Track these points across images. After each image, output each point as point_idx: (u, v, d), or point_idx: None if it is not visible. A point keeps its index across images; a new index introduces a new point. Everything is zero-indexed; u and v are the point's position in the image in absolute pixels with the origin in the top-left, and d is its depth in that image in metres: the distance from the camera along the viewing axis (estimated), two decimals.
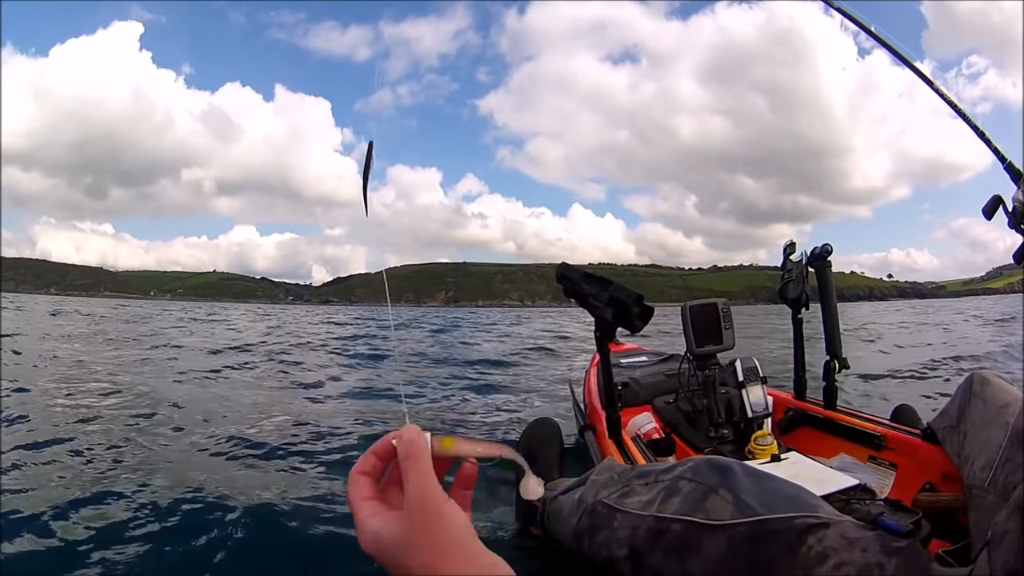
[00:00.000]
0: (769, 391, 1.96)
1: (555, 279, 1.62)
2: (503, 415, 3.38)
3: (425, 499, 0.43)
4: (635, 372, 2.32)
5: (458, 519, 0.43)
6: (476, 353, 7.37)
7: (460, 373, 5.34)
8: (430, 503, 0.43)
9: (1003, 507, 0.74)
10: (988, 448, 1.10)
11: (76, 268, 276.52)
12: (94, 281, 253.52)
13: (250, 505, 1.85)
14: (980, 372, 1.30)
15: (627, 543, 0.89)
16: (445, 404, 3.73)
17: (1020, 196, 0.92)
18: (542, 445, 1.73)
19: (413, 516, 0.43)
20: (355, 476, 0.49)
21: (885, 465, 1.58)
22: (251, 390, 4.24)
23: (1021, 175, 0.98)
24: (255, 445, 2.60)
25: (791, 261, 1.86)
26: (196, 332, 9.97)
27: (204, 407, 3.43)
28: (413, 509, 0.43)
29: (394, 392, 4.20)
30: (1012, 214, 0.93)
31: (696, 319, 1.95)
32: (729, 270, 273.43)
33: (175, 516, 1.78)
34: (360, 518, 0.46)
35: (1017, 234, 0.94)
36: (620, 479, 1.01)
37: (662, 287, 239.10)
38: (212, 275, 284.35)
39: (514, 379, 4.97)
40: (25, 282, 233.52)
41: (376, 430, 2.90)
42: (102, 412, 3.16)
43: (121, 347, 7.31)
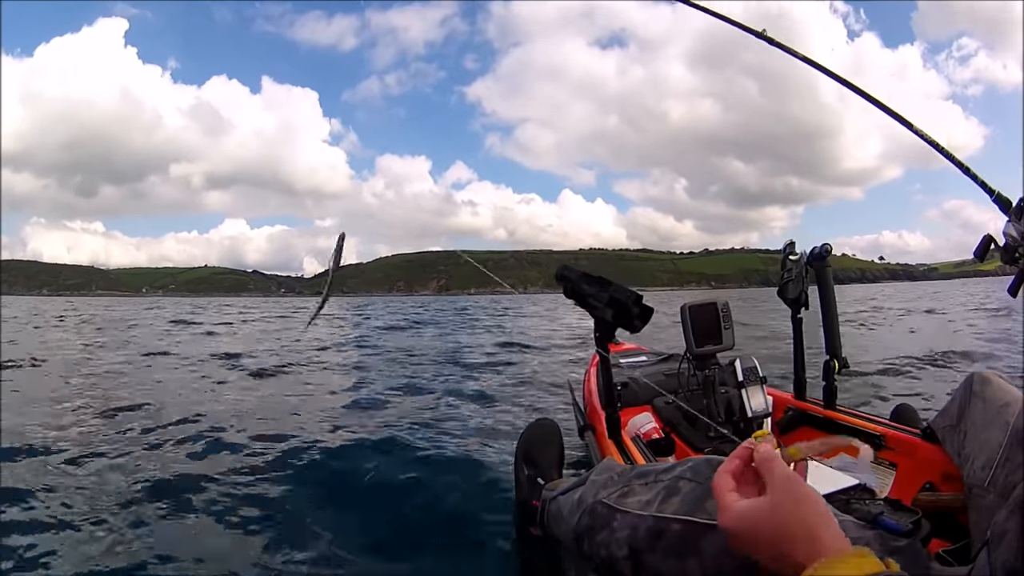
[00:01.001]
0: (769, 391, 1.96)
1: (554, 277, 1.62)
2: (503, 415, 3.38)
3: (790, 481, 0.56)
4: (635, 372, 2.32)
5: (818, 494, 0.56)
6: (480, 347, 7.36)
7: (460, 371, 5.34)
8: (795, 483, 0.56)
9: (1003, 507, 0.74)
10: (988, 448, 1.10)
11: (68, 268, 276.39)
12: (86, 280, 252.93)
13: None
14: (980, 371, 1.30)
15: (627, 543, 0.89)
16: (445, 404, 3.73)
17: (1011, 230, 0.91)
18: (541, 445, 1.73)
19: (783, 492, 0.56)
20: (722, 472, 0.63)
21: (885, 465, 1.58)
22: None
23: (1011, 205, 0.96)
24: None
25: (791, 261, 1.86)
26: (187, 349, 7.72)
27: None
28: (780, 490, 0.56)
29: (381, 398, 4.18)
30: (1004, 249, 0.92)
31: (695, 319, 1.95)
32: (721, 253, 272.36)
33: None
34: (727, 502, 0.60)
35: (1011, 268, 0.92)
36: (620, 479, 1.01)
37: (653, 271, 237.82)
38: (204, 270, 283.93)
39: (514, 379, 4.97)
40: (17, 284, 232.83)
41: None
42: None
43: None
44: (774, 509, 0.55)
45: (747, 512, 0.57)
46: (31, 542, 1.59)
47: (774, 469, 0.58)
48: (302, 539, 1.68)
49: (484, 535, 1.68)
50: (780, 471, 0.58)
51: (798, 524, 0.53)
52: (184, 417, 3.15)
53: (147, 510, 1.84)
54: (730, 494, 0.61)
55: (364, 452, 2.54)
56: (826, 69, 1.41)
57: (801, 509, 0.54)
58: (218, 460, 2.40)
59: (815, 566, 0.50)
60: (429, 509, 1.88)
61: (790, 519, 0.54)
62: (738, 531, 0.58)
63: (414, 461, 2.42)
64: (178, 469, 2.25)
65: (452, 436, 2.87)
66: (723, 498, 0.61)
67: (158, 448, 2.55)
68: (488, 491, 2.04)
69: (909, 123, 1.22)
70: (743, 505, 0.58)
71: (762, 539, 0.55)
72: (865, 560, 0.50)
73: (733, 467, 0.63)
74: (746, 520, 0.57)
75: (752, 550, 0.57)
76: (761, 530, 0.55)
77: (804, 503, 0.55)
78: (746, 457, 0.63)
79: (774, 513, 0.55)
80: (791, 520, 0.54)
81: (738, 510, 0.58)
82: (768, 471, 0.58)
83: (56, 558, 1.52)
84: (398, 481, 2.16)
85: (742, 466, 0.63)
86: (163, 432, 2.84)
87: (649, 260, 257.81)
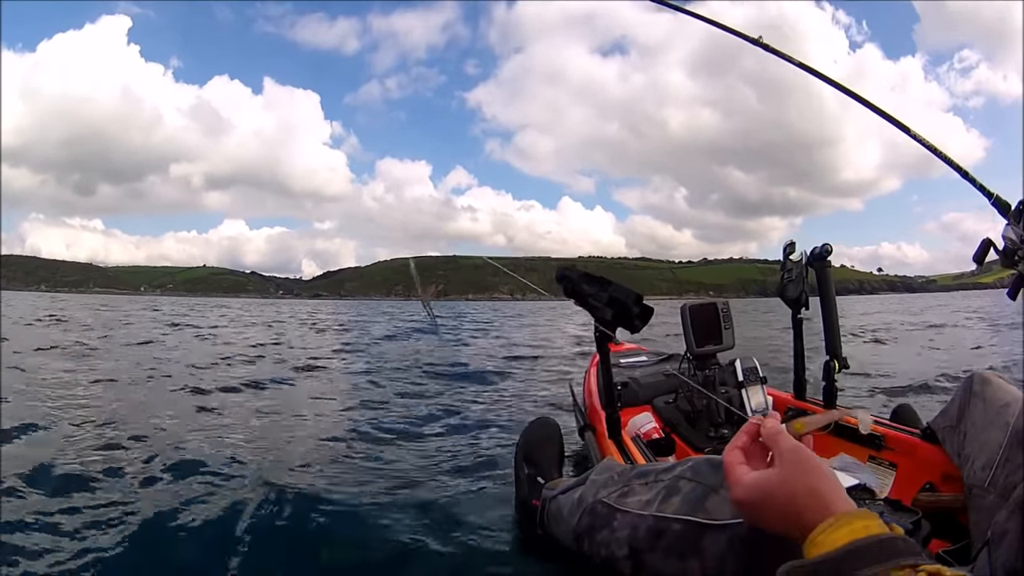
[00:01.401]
0: (769, 391, 1.97)
1: (555, 279, 1.62)
2: (503, 415, 3.38)
3: (799, 451, 0.58)
4: (635, 372, 2.32)
5: (824, 463, 0.58)
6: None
7: (460, 372, 5.34)
8: (802, 452, 0.58)
9: (1003, 507, 0.74)
10: (988, 448, 1.10)
11: (66, 264, 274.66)
12: (84, 277, 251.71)
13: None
14: (980, 372, 1.30)
15: (627, 543, 0.89)
16: (444, 403, 3.73)
17: (1010, 233, 0.91)
18: (541, 445, 1.73)
19: (791, 463, 0.58)
20: (731, 448, 0.65)
21: (885, 465, 1.58)
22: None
23: (1010, 209, 0.96)
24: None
25: (791, 261, 1.86)
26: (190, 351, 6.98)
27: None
28: (789, 459, 0.58)
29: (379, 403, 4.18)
30: (1003, 253, 0.92)
31: (696, 319, 1.95)
32: (719, 263, 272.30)
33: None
34: (737, 475, 0.62)
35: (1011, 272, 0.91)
36: (620, 479, 1.01)
37: (652, 280, 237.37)
38: (202, 270, 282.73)
39: (514, 378, 4.97)
40: (15, 279, 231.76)
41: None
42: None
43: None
44: (783, 479, 0.57)
45: (757, 484, 0.59)
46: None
47: (781, 442, 0.60)
48: (300, 539, 1.68)
49: (484, 534, 1.68)
50: (787, 443, 0.60)
51: (807, 493, 0.55)
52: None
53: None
54: (740, 467, 0.63)
55: (363, 452, 2.54)
56: (824, 75, 1.41)
57: (809, 478, 0.56)
58: (215, 460, 2.40)
59: (821, 526, 0.52)
60: (428, 508, 1.88)
61: (799, 488, 0.56)
62: (750, 502, 0.60)
63: (413, 461, 2.42)
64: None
65: (452, 435, 2.87)
66: (733, 471, 0.63)
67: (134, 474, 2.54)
68: (488, 490, 2.04)
69: (906, 127, 1.22)
70: (753, 477, 0.60)
71: (773, 509, 0.57)
72: (870, 522, 0.52)
73: (741, 442, 0.65)
74: (757, 491, 0.59)
75: (763, 520, 0.60)
76: (772, 500, 0.57)
77: (812, 472, 0.56)
78: (753, 432, 0.65)
79: (783, 483, 0.57)
80: (800, 489, 0.56)
81: (748, 482, 0.60)
82: (775, 443, 0.60)
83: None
84: (397, 480, 2.16)
85: (750, 441, 0.65)
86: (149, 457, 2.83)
87: (648, 269, 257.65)
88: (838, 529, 0.52)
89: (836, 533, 0.51)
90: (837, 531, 0.51)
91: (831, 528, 0.52)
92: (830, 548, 0.51)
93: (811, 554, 0.53)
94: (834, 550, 0.51)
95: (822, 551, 0.51)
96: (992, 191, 1.02)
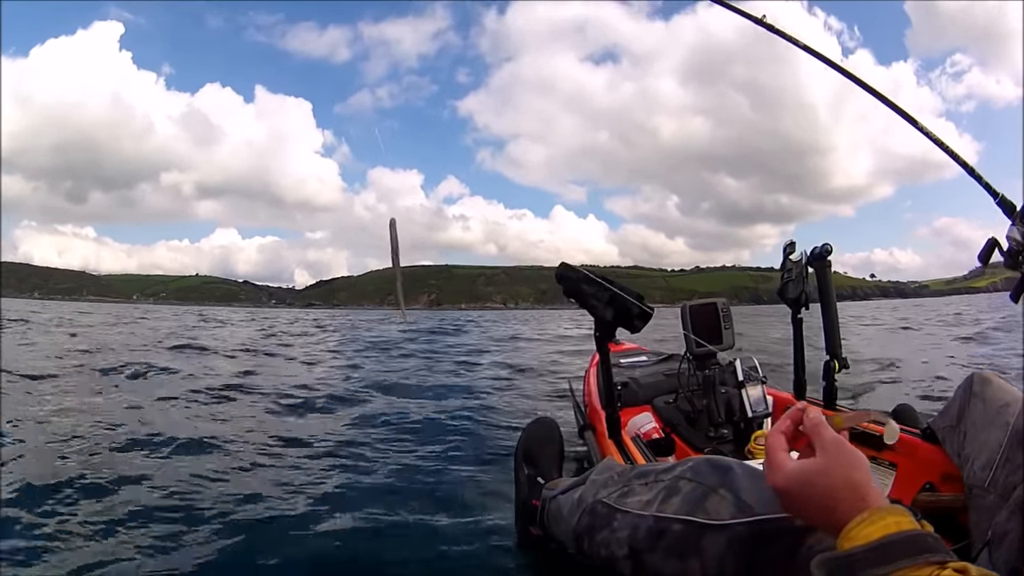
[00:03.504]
0: (769, 391, 1.96)
1: (555, 277, 1.62)
2: (503, 414, 3.38)
3: (839, 443, 0.60)
4: (635, 372, 2.32)
5: (863, 457, 0.59)
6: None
7: (459, 372, 5.34)
8: (844, 445, 0.60)
9: (1003, 507, 0.74)
10: (988, 448, 1.10)
11: (59, 272, 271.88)
12: (77, 285, 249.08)
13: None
14: (980, 372, 1.30)
15: (627, 543, 0.89)
16: (443, 403, 3.73)
17: (1016, 234, 0.90)
18: (541, 445, 1.72)
19: (832, 454, 0.59)
20: (774, 435, 0.67)
21: (885, 465, 1.58)
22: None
23: (1015, 209, 0.95)
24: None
25: (791, 261, 1.86)
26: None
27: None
28: (831, 451, 0.60)
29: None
30: (1008, 253, 0.91)
31: (696, 319, 1.95)
32: (712, 271, 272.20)
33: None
34: (778, 460, 0.63)
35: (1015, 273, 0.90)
36: (620, 479, 1.01)
37: (645, 288, 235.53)
38: (195, 279, 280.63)
39: (514, 379, 4.97)
40: (9, 286, 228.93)
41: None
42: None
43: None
44: (824, 470, 0.59)
45: (799, 472, 0.61)
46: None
47: (823, 433, 0.61)
48: (299, 540, 1.68)
49: (484, 534, 1.68)
50: (829, 434, 0.61)
51: (846, 485, 0.57)
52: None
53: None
54: (781, 453, 0.64)
55: (362, 452, 2.54)
56: (829, 60, 1.40)
57: (849, 471, 0.58)
58: (214, 459, 2.40)
59: (856, 520, 0.54)
60: (428, 508, 1.88)
61: (839, 480, 0.57)
62: (789, 490, 0.61)
63: (413, 460, 2.42)
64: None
65: (451, 435, 2.87)
66: (776, 456, 0.64)
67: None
68: (487, 490, 2.04)
69: (914, 119, 1.21)
70: (795, 466, 0.62)
71: (811, 499, 0.59)
72: (903, 518, 0.53)
73: (785, 427, 0.66)
74: (798, 480, 0.60)
75: (800, 509, 0.61)
76: (811, 490, 0.59)
77: (852, 466, 0.58)
78: (797, 419, 0.66)
79: (824, 474, 0.58)
80: (839, 481, 0.57)
81: (790, 470, 0.62)
82: (818, 434, 0.62)
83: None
84: (396, 480, 2.16)
85: (793, 428, 0.66)
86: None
87: (641, 277, 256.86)
88: (872, 524, 0.53)
89: (870, 527, 0.53)
90: (871, 525, 0.53)
91: (865, 522, 0.53)
92: (863, 542, 0.52)
93: (844, 547, 0.54)
94: (866, 544, 0.52)
95: (856, 544, 0.53)
96: (998, 190, 1.02)
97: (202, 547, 1.60)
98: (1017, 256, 0.88)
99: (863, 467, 0.59)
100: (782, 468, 0.63)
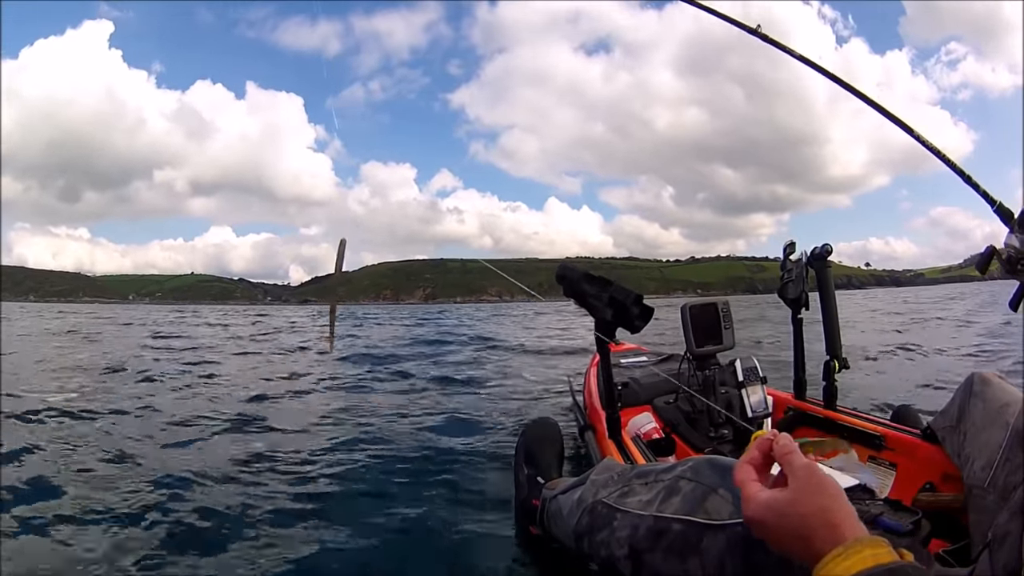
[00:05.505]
0: (769, 391, 1.97)
1: (555, 277, 1.62)
2: (503, 415, 3.38)
3: (811, 469, 0.58)
4: (635, 372, 2.32)
5: (837, 485, 0.57)
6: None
7: (459, 372, 5.33)
8: (815, 472, 0.58)
9: (1004, 508, 0.74)
10: (988, 448, 1.10)
11: (54, 274, 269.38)
12: (73, 287, 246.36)
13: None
14: (980, 372, 1.30)
15: (627, 543, 0.89)
16: (443, 403, 3.73)
17: (1013, 241, 0.90)
18: (541, 445, 1.73)
19: (803, 483, 0.57)
20: (742, 464, 0.65)
21: (885, 465, 1.58)
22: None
23: (1013, 217, 0.95)
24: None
25: (791, 261, 1.86)
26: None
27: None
28: (802, 478, 0.57)
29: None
30: (1007, 260, 0.91)
31: (696, 319, 1.95)
32: (707, 261, 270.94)
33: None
34: (750, 492, 0.61)
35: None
36: (620, 479, 1.01)
37: (640, 279, 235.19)
38: (190, 277, 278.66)
39: (514, 379, 4.97)
40: (4, 289, 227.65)
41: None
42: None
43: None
44: (797, 499, 0.57)
45: (771, 502, 0.59)
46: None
47: (794, 460, 0.59)
48: (300, 541, 1.68)
49: (484, 534, 1.68)
50: (800, 461, 0.59)
51: (819, 514, 0.55)
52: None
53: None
54: (753, 484, 0.62)
55: (361, 452, 2.54)
56: (826, 71, 1.40)
57: (822, 499, 0.56)
58: (210, 456, 2.40)
59: (831, 554, 0.52)
60: (428, 508, 1.88)
61: (812, 509, 0.55)
62: (762, 521, 0.59)
63: (412, 461, 2.41)
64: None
65: (451, 435, 2.87)
66: (746, 488, 0.62)
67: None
68: (488, 490, 2.04)
69: (910, 128, 1.21)
70: (766, 495, 0.60)
71: (784, 530, 0.57)
72: (880, 550, 0.51)
73: (752, 457, 0.65)
74: (770, 510, 0.58)
75: (774, 539, 0.59)
76: (784, 520, 0.57)
77: (825, 493, 0.56)
78: (765, 448, 0.64)
79: (796, 503, 0.56)
80: (813, 510, 0.55)
81: (762, 500, 0.59)
82: (788, 462, 0.60)
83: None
84: (396, 480, 2.16)
85: (761, 457, 0.64)
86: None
87: (636, 268, 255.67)
88: (848, 558, 0.51)
89: (846, 562, 0.51)
90: (847, 560, 0.51)
91: (841, 556, 0.51)
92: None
93: None
94: None
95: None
96: (996, 198, 1.01)
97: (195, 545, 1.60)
98: (1016, 264, 0.88)
99: (837, 494, 0.56)
100: (754, 499, 0.60)
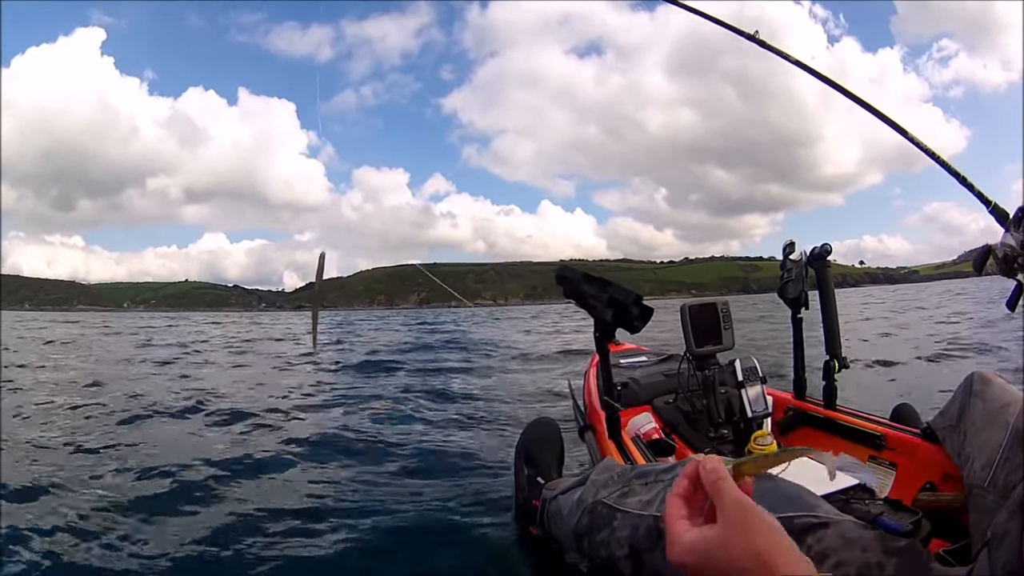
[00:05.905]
0: (769, 391, 1.96)
1: (554, 277, 1.61)
2: (502, 415, 3.38)
3: (742, 505, 0.51)
4: (635, 372, 2.31)
5: (771, 517, 0.51)
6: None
7: (459, 371, 5.33)
8: (748, 507, 0.51)
9: (1003, 507, 0.74)
10: (988, 448, 1.09)
11: (49, 283, 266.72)
12: (67, 295, 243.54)
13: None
14: (980, 372, 1.30)
15: (627, 543, 0.89)
16: (444, 404, 3.73)
17: (1009, 240, 0.89)
18: (541, 445, 1.73)
19: (732, 520, 0.51)
20: (672, 498, 0.57)
21: (885, 465, 1.57)
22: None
23: (1008, 217, 0.94)
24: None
25: (791, 261, 1.86)
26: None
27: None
28: (731, 515, 0.51)
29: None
30: (1003, 260, 0.90)
31: (696, 319, 1.95)
32: (701, 262, 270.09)
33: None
34: (676, 532, 0.54)
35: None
36: (620, 479, 1.01)
37: (635, 281, 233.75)
38: (184, 284, 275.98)
39: (513, 379, 4.97)
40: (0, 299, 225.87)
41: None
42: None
43: None
44: (726, 539, 0.50)
45: (696, 544, 0.52)
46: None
47: (723, 492, 0.52)
48: (301, 541, 1.68)
49: (484, 534, 1.68)
50: (730, 495, 0.52)
51: (751, 555, 0.49)
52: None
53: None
54: (680, 522, 0.54)
55: (361, 454, 2.54)
56: (823, 76, 1.40)
57: (753, 539, 0.50)
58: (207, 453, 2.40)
59: None
60: (429, 508, 1.88)
61: (741, 551, 0.50)
62: (688, 564, 0.53)
63: (412, 461, 2.42)
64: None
65: (452, 435, 2.87)
66: (671, 526, 0.55)
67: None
68: (488, 490, 2.04)
69: (905, 131, 1.21)
70: (692, 537, 0.53)
71: (715, 572, 0.51)
72: None
73: (682, 489, 0.57)
74: (696, 553, 0.52)
75: None
76: (712, 563, 0.51)
77: (756, 532, 0.50)
78: (694, 476, 0.56)
79: (725, 545, 0.50)
80: (743, 552, 0.50)
81: (687, 542, 0.53)
82: (717, 494, 0.52)
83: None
84: (397, 481, 2.16)
85: (691, 488, 0.56)
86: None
87: (630, 270, 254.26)
88: None
89: None
90: None
91: None
92: None
93: None
94: None
95: None
96: (990, 199, 1.01)
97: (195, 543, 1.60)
98: (1012, 264, 0.88)
99: (770, 531, 0.50)
100: (678, 541, 0.53)
